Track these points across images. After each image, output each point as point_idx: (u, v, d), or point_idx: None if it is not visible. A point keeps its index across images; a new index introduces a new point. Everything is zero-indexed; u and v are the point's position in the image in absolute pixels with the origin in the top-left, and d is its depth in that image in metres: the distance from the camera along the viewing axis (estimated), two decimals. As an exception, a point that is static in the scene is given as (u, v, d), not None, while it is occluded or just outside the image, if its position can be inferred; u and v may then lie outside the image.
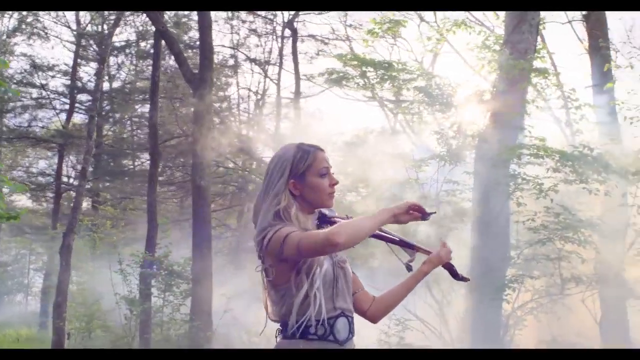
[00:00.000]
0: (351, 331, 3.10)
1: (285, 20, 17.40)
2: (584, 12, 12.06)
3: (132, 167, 24.07)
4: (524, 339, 11.24)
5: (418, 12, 13.43)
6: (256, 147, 21.29)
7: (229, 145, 19.02)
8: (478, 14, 12.95)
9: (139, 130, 24.14)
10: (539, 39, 11.92)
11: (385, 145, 14.77)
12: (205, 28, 11.84)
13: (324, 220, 3.14)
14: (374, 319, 3.27)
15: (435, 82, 11.11)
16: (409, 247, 3.25)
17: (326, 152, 3.20)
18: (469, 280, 3.30)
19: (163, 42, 13.36)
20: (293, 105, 16.56)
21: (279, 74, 18.64)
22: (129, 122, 24.07)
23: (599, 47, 11.95)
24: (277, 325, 3.21)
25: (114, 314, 12.52)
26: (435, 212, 3.06)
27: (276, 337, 3.16)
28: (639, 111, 10.24)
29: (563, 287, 10.34)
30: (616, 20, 23.57)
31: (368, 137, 19.26)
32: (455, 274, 3.30)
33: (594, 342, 10.83)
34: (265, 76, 20.28)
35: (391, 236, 3.27)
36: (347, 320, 3.10)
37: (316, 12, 15.08)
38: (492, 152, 10.21)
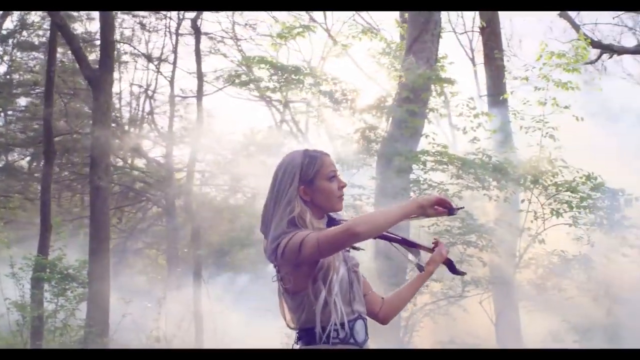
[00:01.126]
0: (367, 333, 3.12)
1: (181, 17, 17.23)
2: (481, 24, 12.49)
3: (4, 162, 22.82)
4: (422, 340, 11.57)
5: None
6: (146, 145, 20.94)
7: (119, 144, 18.62)
8: (380, 21, 13.23)
9: (13, 125, 22.90)
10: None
11: (281, 148, 14.88)
12: (107, 25, 11.51)
13: (333, 224, 3.12)
14: (385, 320, 3.32)
15: (341, 87, 11.25)
16: (412, 246, 3.30)
17: (330, 156, 3.20)
18: (465, 274, 3.46)
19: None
20: (196, 104, 16.33)
21: (172, 71, 18.34)
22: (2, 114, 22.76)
23: (494, 58, 12.45)
24: (293, 332, 3.18)
25: (3, 320, 11.96)
26: (463, 207, 3.14)
27: (295, 343, 3.15)
28: (533, 121, 10.73)
29: (463, 289, 10.70)
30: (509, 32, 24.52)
31: (256, 136, 19.37)
32: (454, 269, 3.35)
33: (490, 342, 11.27)
34: (159, 73, 19.96)
35: (395, 236, 3.28)
36: (363, 323, 3.12)
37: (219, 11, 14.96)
38: (394, 158, 10.44)
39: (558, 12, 17.63)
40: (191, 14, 15.18)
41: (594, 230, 10.11)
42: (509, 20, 19.37)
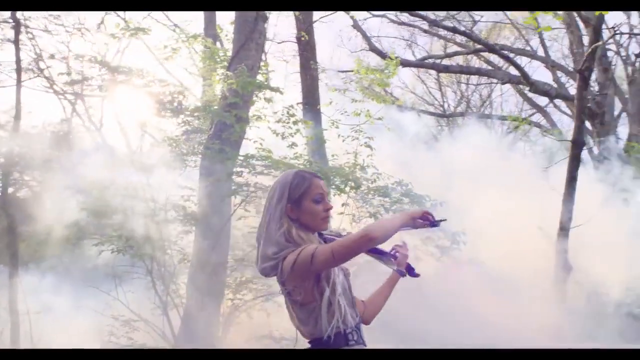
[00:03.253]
0: None
1: None
2: (300, 35, 13.19)
3: None
4: (240, 335, 12.01)
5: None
6: None
7: None
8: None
9: None
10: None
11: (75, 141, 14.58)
12: None
13: (322, 238, 3.39)
14: (369, 322, 3.58)
15: (169, 90, 11.39)
16: (382, 254, 3.63)
17: (322, 180, 3.44)
18: (420, 275, 3.71)
19: None
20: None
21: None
22: None
23: (309, 68, 13.22)
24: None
25: None
26: (445, 220, 3.46)
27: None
28: (352, 130, 11.60)
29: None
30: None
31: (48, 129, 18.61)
32: (412, 271, 3.69)
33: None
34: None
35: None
36: (360, 323, 3.42)
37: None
38: (219, 161, 10.80)
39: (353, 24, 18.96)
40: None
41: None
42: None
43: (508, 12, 23.09)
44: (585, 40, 19.60)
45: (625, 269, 12.03)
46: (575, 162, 10.48)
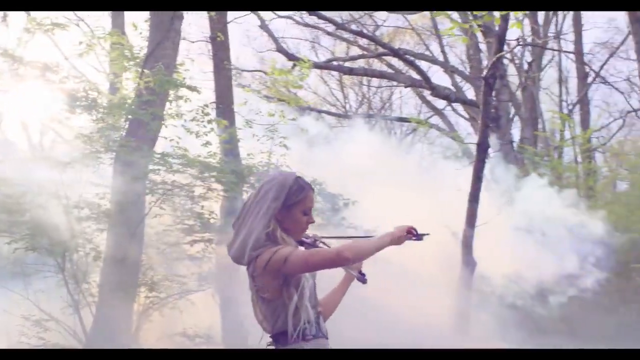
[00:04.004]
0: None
1: None
2: (215, 35, 13.27)
3: None
4: (153, 333, 12.02)
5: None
6: None
7: None
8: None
9: None
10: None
11: None
12: None
13: (300, 242, 3.56)
14: (324, 319, 3.68)
15: (84, 87, 11.28)
16: None
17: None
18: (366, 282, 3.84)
19: None
20: None
21: None
22: None
23: (223, 68, 13.31)
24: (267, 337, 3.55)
25: None
26: (429, 234, 3.56)
27: (271, 345, 3.53)
28: (266, 130, 11.82)
29: (200, 283, 11.43)
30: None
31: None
32: (363, 276, 3.83)
33: (216, 333, 12.09)
34: None
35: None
36: (322, 317, 3.59)
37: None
38: (134, 159, 10.79)
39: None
40: None
41: (316, 229, 11.41)
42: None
43: (409, 17, 23.89)
44: (482, 46, 20.60)
45: (511, 264, 12.72)
46: (480, 164, 11.07)
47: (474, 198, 11.07)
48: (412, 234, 3.43)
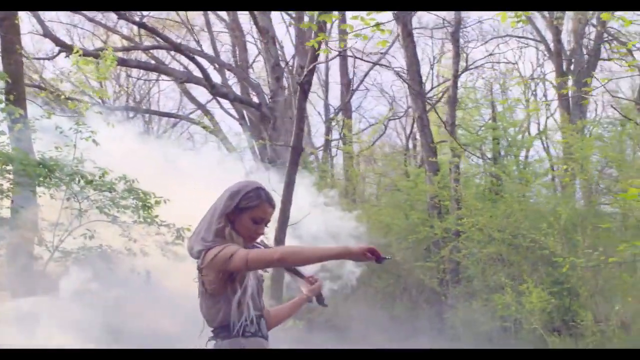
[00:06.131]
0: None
1: None
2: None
3: None
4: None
5: None
6: None
7: None
8: None
9: None
10: None
11: None
12: None
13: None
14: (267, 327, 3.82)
15: None
16: (301, 276, 4.05)
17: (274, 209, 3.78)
18: (327, 305, 4.11)
19: None
20: None
21: None
22: None
23: (14, 52, 12.31)
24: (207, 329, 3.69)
25: None
26: (390, 258, 3.65)
27: (212, 339, 3.67)
28: (74, 122, 11.19)
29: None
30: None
31: None
32: (322, 300, 4.07)
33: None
34: None
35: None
36: (264, 320, 3.75)
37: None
38: None
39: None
40: None
41: (130, 226, 11.09)
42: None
43: (182, 13, 23.65)
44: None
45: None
46: (293, 167, 11.41)
47: (287, 199, 11.39)
48: (374, 254, 3.42)
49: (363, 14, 8.90)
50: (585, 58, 21.84)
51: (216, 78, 22.42)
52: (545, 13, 22.34)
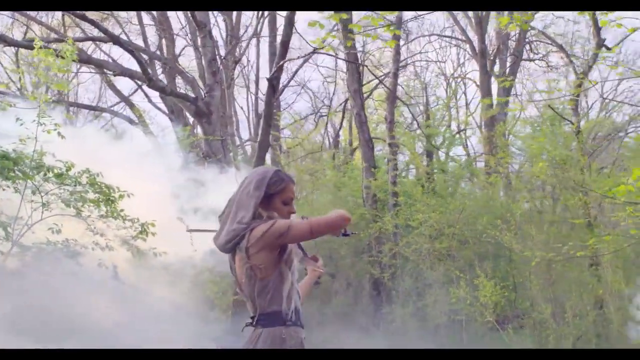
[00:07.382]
0: None
1: None
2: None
3: None
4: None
5: None
6: None
7: None
8: None
9: None
10: None
11: None
12: None
13: None
14: None
15: None
16: (305, 254, 4.12)
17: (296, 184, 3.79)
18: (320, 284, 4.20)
19: None
20: None
21: None
22: None
23: None
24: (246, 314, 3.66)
25: None
26: (356, 233, 4.01)
27: (251, 325, 3.63)
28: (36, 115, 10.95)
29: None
30: None
31: None
32: (317, 280, 4.20)
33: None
34: None
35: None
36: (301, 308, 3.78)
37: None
38: None
39: None
40: None
41: (95, 220, 10.95)
42: None
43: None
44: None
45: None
46: (260, 162, 11.54)
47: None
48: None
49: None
50: (510, 59, 22.77)
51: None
52: (470, 13, 23.17)
